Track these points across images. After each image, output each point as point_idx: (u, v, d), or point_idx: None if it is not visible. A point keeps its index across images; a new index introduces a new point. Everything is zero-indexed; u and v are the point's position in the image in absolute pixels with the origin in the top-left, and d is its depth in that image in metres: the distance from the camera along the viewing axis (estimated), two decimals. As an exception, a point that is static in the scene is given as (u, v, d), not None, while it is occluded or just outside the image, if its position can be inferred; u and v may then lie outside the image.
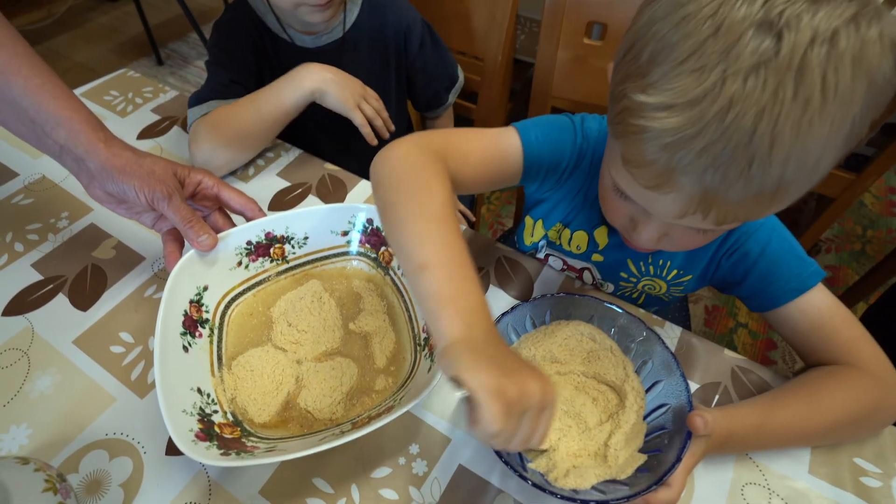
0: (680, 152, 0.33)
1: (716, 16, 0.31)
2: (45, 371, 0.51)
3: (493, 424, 0.30)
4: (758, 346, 1.35)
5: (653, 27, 0.34)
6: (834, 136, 0.32)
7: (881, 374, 0.47)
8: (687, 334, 0.57)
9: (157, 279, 0.59)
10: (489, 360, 0.33)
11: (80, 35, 2.38)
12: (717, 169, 0.33)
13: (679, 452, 0.40)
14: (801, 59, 0.29)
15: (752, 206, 0.36)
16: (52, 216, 0.65)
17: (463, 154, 0.50)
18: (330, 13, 0.68)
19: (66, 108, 0.49)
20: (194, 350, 0.48)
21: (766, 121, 0.30)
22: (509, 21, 0.90)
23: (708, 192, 0.35)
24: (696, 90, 0.31)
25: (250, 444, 0.43)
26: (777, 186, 0.34)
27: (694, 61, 0.31)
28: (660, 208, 0.40)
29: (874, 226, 1.63)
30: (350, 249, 0.58)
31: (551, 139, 0.54)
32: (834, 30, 0.29)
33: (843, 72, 0.30)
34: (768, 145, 0.31)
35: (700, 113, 0.31)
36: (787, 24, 0.29)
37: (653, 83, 0.34)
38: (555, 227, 0.62)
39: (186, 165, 0.54)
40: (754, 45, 0.30)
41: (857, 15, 0.30)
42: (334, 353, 0.52)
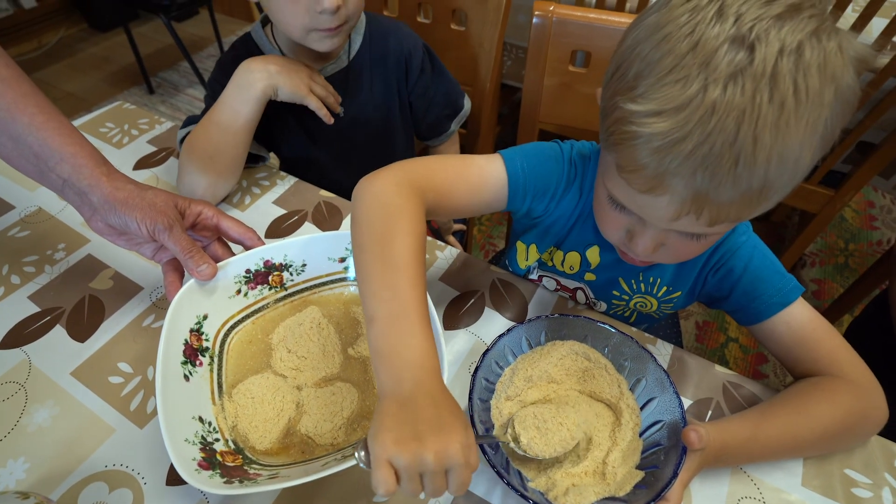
0: (670, 155, 0.36)
1: (693, 34, 0.35)
2: (43, 404, 0.51)
3: (377, 488, 0.33)
4: (749, 360, 1.37)
5: (636, 48, 0.38)
6: (810, 136, 0.35)
7: (862, 383, 0.49)
8: (678, 351, 0.58)
9: (156, 308, 0.59)
10: (399, 423, 0.35)
11: (71, 65, 2.40)
12: (706, 169, 0.35)
13: (675, 467, 0.41)
14: (774, 68, 0.33)
15: (741, 205, 0.38)
16: (49, 248, 0.65)
17: (445, 185, 0.52)
18: (339, 40, 0.69)
19: (70, 144, 0.50)
20: (195, 379, 0.49)
21: (748, 122, 0.33)
22: (496, 49, 0.94)
23: (699, 193, 0.37)
24: (680, 97, 0.35)
25: (252, 471, 0.43)
26: (763, 185, 0.36)
27: (677, 73, 0.35)
28: (654, 212, 0.42)
29: (855, 239, 1.67)
30: (347, 275, 0.59)
31: (537, 168, 0.56)
32: (799, 42, 0.33)
33: (812, 78, 0.33)
34: (751, 145, 0.34)
35: (686, 117, 0.34)
36: (757, 38, 0.33)
37: (641, 94, 0.37)
38: (548, 251, 0.64)
39: (187, 198, 0.55)
40: (730, 57, 0.33)
41: (818, 30, 0.34)
42: (334, 378, 0.53)
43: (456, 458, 0.34)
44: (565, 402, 0.50)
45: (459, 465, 0.35)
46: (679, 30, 0.35)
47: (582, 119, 0.91)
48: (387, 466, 0.34)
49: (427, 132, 0.91)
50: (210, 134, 0.67)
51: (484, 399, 0.49)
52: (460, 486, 0.35)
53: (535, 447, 0.45)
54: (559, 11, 0.80)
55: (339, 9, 0.64)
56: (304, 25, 0.65)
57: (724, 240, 0.55)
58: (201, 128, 0.68)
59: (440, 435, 0.35)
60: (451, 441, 0.34)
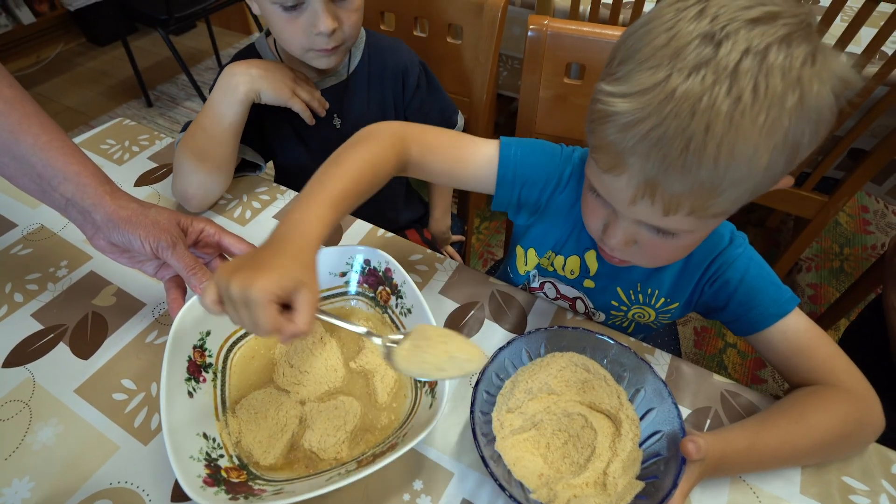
0: (630, 133, 0.38)
1: (672, 29, 0.37)
2: (47, 422, 0.51)
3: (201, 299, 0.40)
4: (747, 365, 1.37)
5: (627, 40, 0.41)
6: (766, 138, 0.36)
7: (859, 392, 0.50)
8: (676, 361, 0.59)
9: (159, 325, 0.60)
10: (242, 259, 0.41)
11: (69, 79, 2.41)
12: (658, 150, 0.37)
13: (675, 478, 0.42)
14: (736, 64, 0.35)
15: (694, 196, 0.39)
16: (52, 265, 0.66)
17: (433, 145, 0.57)
18: (336, 59, 0.71)
19: (74, 164, 0.51)
20: (199, 395, 0.49)
21: (702, 111, 0.35)
22: (492, 62, 0.95)
23: (651, 176, 0.39)
24: (647, 82, 0.37)
25: (257, 487, 0.44)
26: (713, 177, 0.37)
27: (650, 61, 0.37)
28: (616, 194, 0.44)
29: (850, 244, 1.68)
30: (349, 290, 0.60)
31: (531, 158, 0.58)
32: (767, 45, 0.35)
33: (773, 80, 0.35)
34: (703, 132, 0.36)
35: (648, 100, 0.37)
36: (726, 36, 0.35)
37: (618, 78, 0.40)
38: (546, 255, 0.65)
39: (189, 215, 0.56)
40: (698, 51, 0.36)
41: (789, 36, 0.35)
42: (337, 392, 0.53)
43: (255, 295, 0.37)
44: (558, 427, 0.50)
45: (256, 303, 0.37)
46: (662, 24, 0.38)
47: (578, 130, 0.93)
48: (213, 286, 0.39)
49: None
50: (197, 137, 0.69)
51: (485, 412, 0.49)
52: (253, 325, 0.38)
53: None
54: (553, 25, 0.81)
55: (335, 31, 0.66)
56: (301, 45, 0.67)
57: (721, 252, 0.56)
58: (190, 131, 0.70)
59: (255, 271, 0.38)
60: (258, 278, 0.37)
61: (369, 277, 0.59)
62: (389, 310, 0.58)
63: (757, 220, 1.73)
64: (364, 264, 0.59)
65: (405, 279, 0.55)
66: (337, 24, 0.65)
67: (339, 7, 0.66)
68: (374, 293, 0.59)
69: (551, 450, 0.49)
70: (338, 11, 0.66)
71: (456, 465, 0.50)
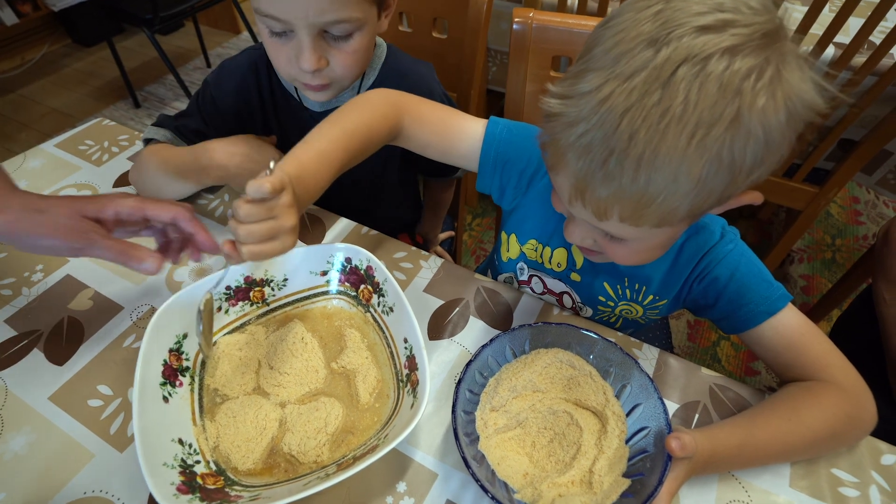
0: (566, 133, 0.38)
1: (624, 30, 0.36)
2: (20, 430, 0.50)
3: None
4: (741, 357, 1.37)
5: (588, 40, 0.40)
6: (695, 152, 0.34)
7: (852, 388, 0.49)
8: (665, 355, 0.58)
9: (136, 328, 0.59)
10: None
11: (55, 81, 2.39)
12: (587, 154, 0.37)
13: (661, 475, 0.41)
14: (671, 74, 0.33)
15: (621, 205, 0.39)
16: (26, 269, 0.64)
17: (424, 116, 0.58)
18: (325, 96, 0.66)
19: None
20: (175, 400, 0.48)
21: (629, 119, 0.34)
22: (479, 56, 0.94)
23: (580, 179, 0.39)
24: (588, 86, 0.36)
25: (234, 493, 0.43)
26: (636, 187, 0.37)
27: (595, 62, 0.37)
28: (560, 192, 0.45)
29: (842, 234, 1.68)
30: (330, 289, 0.58)
31: (515, 140, 0.58)
32: (708, 54, 0.33)
33: (707, 93, 0.33)
34: (626, 141, 0.35)
35: (585, 102, 0.36)
36: (667, 42, 0.34)
37: (566, 78, 0.40)
38: (530, 245, 0.64)
39: (96, 198, 0.50)
40: (640, 56, 0.34)
41: (735, 48, 0.33)
42: (318, 393, 0.52)
43: None
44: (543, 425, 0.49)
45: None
46: (617, 26, 0.37)
47: (565, 124, 0.92)
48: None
49: (432, 171, 0.86)
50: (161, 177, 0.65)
51: (468, 411, 0.48)
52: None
53: None
54: (539, 18, 0.80)
55: (322, 70, 0.60)
56: (287, 73, 0.62)
57: (710, 248, 0.54)
58: (157, 166, 0.65)
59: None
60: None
61: (351, 276, 0.58)
62: (372, 308, 0.56)
63: (748, 213, 1.73)
64: (345, 262, 0.57)
65: (387, 277, 0.54)
66: (323, 64, 0.59)
67: (331, 45, 0.59)
68: (355, 292, 0.58)
69: (536, 448, 0.48)
70: (328, 49, 0.59)
71: (440, 465, 0.49)
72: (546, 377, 0.51)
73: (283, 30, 0.57)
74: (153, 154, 0.66)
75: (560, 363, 0.51)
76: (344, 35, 0.59)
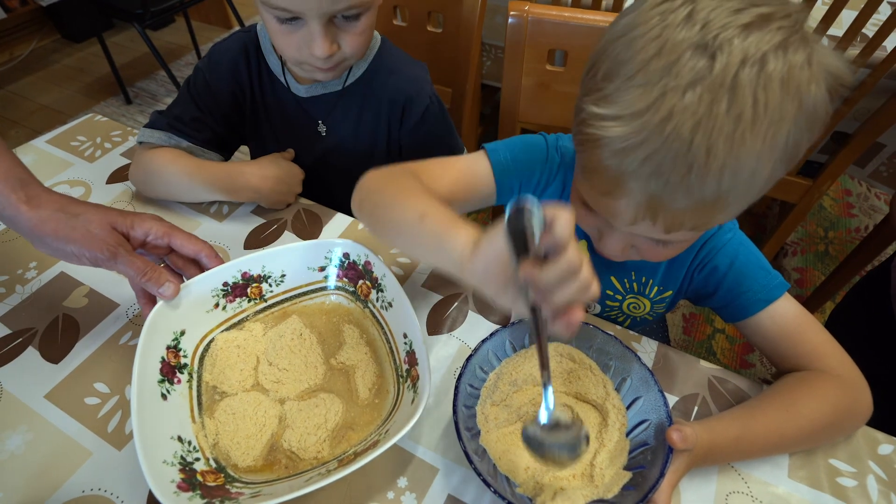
0: (627, 159, 0.36)
1: (660, 38, 0.34)
2: (16, 429, 0.49)
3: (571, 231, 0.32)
4: (736, 350, 1.38)
5: (608, 48, 0.38)
6: (767, 151, 0.35)
7: (848, 378, 0.49)
8: (664, 348, 0.58)
9: (133, 325, 0.58)
10: None
11: (45, 77, 2.35)
12: (660, 176, 0.36)
13: (662, 468, 0.41)
14: (734, 79, 0.32)
15: (696, 214, 0.38)
16: (20, 267, 0.63)
17: (434, 177, 0.53)
18: (333, 74, 0.66)
19: None
20: (173, 397, 0.47)
21: (702, 132, 0.33)
22: (474, 50, 0.93)
23: (653, 198, 0.38)
24: (640, 103, 0.35)
25: (234, 490, 0.42)
26: (717, 195, 0.36)
27: (640, 77, 0.35)
28: (614, 215, 0.42)
29: (835, 227, 1.70)
30: (328, 284, 0.58)
31: (521, 157, 0.57)
32: (763, 53, 0.33)
33: (772, 91, 0.33)
34: (704, 154, 0.34)
35: (644, 123, 0.35)
36: (719, 47, 0.33)
37: (605, 96, 0.37)
38: None
39: (129, 214, 0.51)
40: (692, 65, 0.33)
41: (785, 41, 0.33)
42: (317, 389, 0.52)
43: None
44: None
45: None
46: (648, 32, 0.35)
47: (561, 118, 0.91)
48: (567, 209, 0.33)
49: None
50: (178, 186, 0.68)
51: (469, 405, 0.48)
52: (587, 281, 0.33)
53: None
54: (534, 11, 0.80)
55: (333, 55, 0.60)
56: (294, 58, 0.62)
57: (710, 237, 0.55)
58: (175, 175, 0.67)
59: None
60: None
61: (349, 271, 0.57)
62: (370, 304, 0.56)
63: (743, 207, 1.73)
64: (343, 258, 0.57)
65: (385, 272, 0.54)
66: (335, 49, 0.59)
67: (341, 28, 0.59)
68: (354, 287, 0.57)
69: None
70: (339, 33, 0.60)
71: (441, 460, 0.49)
72: (546, 371, 0.51)
73: (291, 17, 0.57)
74: (172, 162, 0.67)
75: (560, 357, 0.51)
76: (353, 16, 0.59)
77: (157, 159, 0.67)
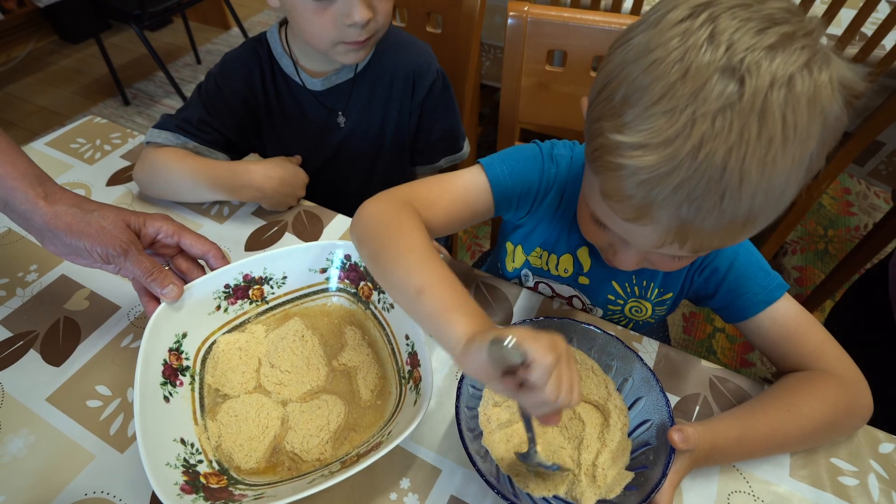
0: (657, 188, 0.35)
1: (683, 60, 0.33)
2: (18, 433, 0.49)
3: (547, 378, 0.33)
4: (736, 349, 1.38)
5: (624, 70, 0.37)
6: (796, 171, 0.35)
7: (849, 377, 0.49)
8: (664, 348, 0.58)
9: (134, 328, 0.58)
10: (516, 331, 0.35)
11: (43, 79, 2.35)
12: (691, 203, 0.35)
13: (664, 468, 0.41)
14: (763, 102, 0.32)
15: (724, 235, 0.38)
16: (21, 270, 0.63)
17: (431, 201, 0.53)
18: (364, 53, 0.67)
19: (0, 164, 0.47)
20: (176, 399, 0.47)
21: (735, 158, 0.33)
22: (473, 51, 0.93)
23: (684, 224, 0.37)
24: (668, 130, 0.34)
25: (238, 492, 0.43)
26: (747, 217, 0.36)
27: (665, 103, 0.34)
28: (638, 239, 0.42)
29: (834, 225, 1.70)
30: (329, 286, 0.58)
31: (518, 169, 0.56)
32: (790, 75, 0.32)
33: (801, 112, 0.33)
34: (738, 181, 0.34)
35: (674, 151, 0.34)
36: (748, 70, 0.32)
37: (627, 123, 0.36)
38: (535, 253, 0.63)
39: (141, 214, 0.52)
40: (720, 89, 0.32)
41: (810, 62, 0.33)
42: (319, 391, 0.52)
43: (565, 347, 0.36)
44: None
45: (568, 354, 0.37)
46: (669, 55, 0.34)
47: (561, 118, 0.91)
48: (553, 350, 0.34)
49: (415, 157, 0.88)
50: (182, 185, 0.68)
51: (471, 406, 0.48)
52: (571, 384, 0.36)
53: None
54: (534, 11, 0.80)
55: (369, 22, 0.62)
56: (331, 38, 0.63)
57: None
58: (179, 173, 0.67)
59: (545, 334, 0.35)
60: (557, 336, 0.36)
61: (350, 273, 0.57)
62: (372, 305, 0.56)
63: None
64: (345, 259, 0.57)
65: (387, 274, 0.54)
66: (372, 14, 0.61)
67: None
68: (355, 289, 0.57)
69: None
70: (371, 0, 0.62)
71: (443, 461, 0.49)
72: (548, 371, 0.51)
73: None
74: (177, 160, 0.68)
75: (562, 357, 0.51)
76: None
77: (162, 157, 0.68)
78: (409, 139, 0.85)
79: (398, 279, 0.44)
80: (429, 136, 0.84)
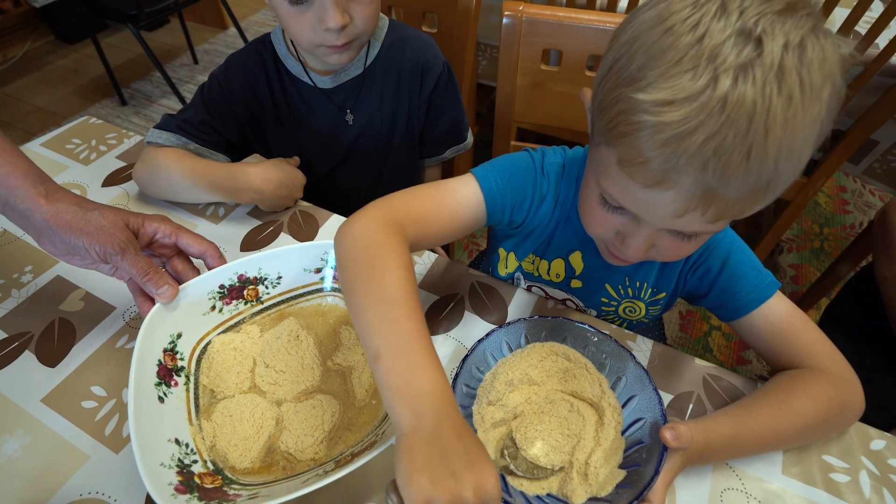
0: (683, 145, 0.35)
1: (698, 26, 0.35)
2: (13, 433, 0.49)
3: None
4: (732, 347, 1.39)
5: (637, 41, 0.37)
6: (812, 130, 0.35)
7: (841, 375, 0.50)
8: (658, 346, 0.58)
9: (129, 328, 0.58)
10: (427, 463, 0.34)
11: (39, 79, 2.34)
12: (718, 161, 0.35)
13: (657, 466, 0.42)
14: (780, 61, 0.33)
15: (748, 200, 0.38)
16: (16, 271, 0.63)
17: (423, 215, 0.52)
18: (347, 56, 0.67)
19: (1, 164, 0.47)
20: (170, 399, 0.48)
21: (760, 112, 0.33)
22: (469, 50, 0.93)
23: (708, 187, 0.37)
24: (691, 87, 0.34)
25: (232, 492, 0.43)
26: (770, 178, 0.36)
27: (685, 63, 0.34)
28: (657, 209, 0.41)
29: (830, 223, 1.70)
30: (324, 286, 0.58)
31: (511, 181, 0.55)
32: (801, 38, 0.34)
33: (814, 72, 0.34)
34: (763, 134, 0.34)
35: (701, 105, 0.34)
36: (764, 32, 0.33)
37: (650, 83, 0.36)
38: (528, 259, 0.63)
39: (140, 214, 0.53)
40: (738, 50, 0.33)
41: (815, 28, 0.35)
42: (314, 390, 0.52)
43: (493, 493, 0.34)
44: (541, 409, 0.49)
45: (495, 500, 0.34)
46: (683, 22, 0.35)
47: (557, 117, 0.92)
48: None
49: (422, 150, 0.88)
50: (180, 186, 0.69)
51: (465, 405, 0.49)
52: None
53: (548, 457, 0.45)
54: (529, 11, 0.80)
55: (346, 27, 0.62)
56: (310, 41, 0.64)
57: None
58: (179, 174, 0.68)
59: (474, 470, 0.34)
60: (486, 476, 0.34)
61: (345, 273, 0.57)
62: (367, 305, 0.56)
63: (739, 204, 1.74)
64: (339, 260, 0.57)
65: (381, 273, 0.54)
66: (347, 20, 0.62)
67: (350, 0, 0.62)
68: (350, 289, 0.58)
69: (534, 441, 0.48)
70: (349, 5, 0.62)
71: (438, 460, 0.49)
72: (542, 370, 0.51)
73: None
74: (177, 161, 0.68)
75: (556, 356, 0.52)
76: None
77: (162, 158, 0.68)
78: (418, 133, 0.85)
79: (362, 334, 0.42)
80: (435, 128, 0.85)
